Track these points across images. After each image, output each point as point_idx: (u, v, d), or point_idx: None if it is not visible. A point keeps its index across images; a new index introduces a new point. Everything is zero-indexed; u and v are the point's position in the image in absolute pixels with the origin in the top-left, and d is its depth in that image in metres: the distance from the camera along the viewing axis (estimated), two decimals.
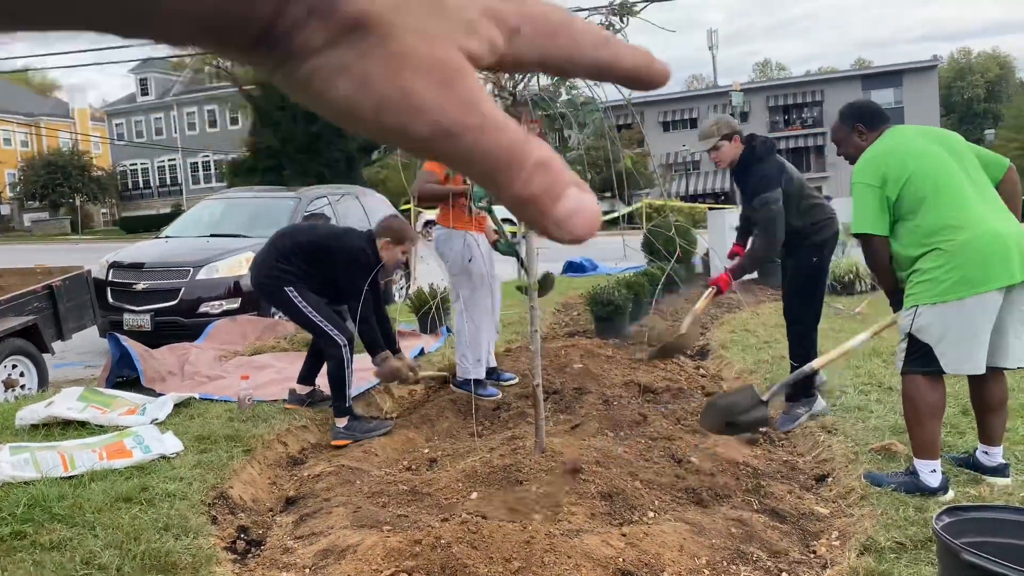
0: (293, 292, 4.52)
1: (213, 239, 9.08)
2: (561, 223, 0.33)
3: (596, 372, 5.39)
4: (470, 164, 0.33)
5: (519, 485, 3.51)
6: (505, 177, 0.33)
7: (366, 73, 0.31)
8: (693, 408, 4.88)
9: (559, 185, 0.33)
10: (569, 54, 0.37)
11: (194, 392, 5.21)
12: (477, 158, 0.33)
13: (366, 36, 0.31)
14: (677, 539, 3.10)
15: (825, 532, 3.39)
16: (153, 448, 3.95)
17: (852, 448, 4.06)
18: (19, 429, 4.42)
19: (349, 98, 0.32)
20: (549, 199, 0.33)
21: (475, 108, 0.32)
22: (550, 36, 0.36)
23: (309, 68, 0.31)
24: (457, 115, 0.32)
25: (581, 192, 0.33)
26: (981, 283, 3.31)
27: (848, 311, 8.19)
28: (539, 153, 0.33)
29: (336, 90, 0.32)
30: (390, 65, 0.31)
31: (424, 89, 0.31)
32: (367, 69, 0.31)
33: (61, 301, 6.71)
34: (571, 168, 0.35)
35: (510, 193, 0.33)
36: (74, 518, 3.16)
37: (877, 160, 3.54)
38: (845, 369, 5.57)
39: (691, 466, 3.89)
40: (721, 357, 6.41)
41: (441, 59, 0.32)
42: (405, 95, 0.31)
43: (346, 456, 4.23)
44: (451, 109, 0.32)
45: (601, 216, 0.35)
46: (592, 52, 0.37)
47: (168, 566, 2.78)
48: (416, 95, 0.31)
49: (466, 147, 0.32)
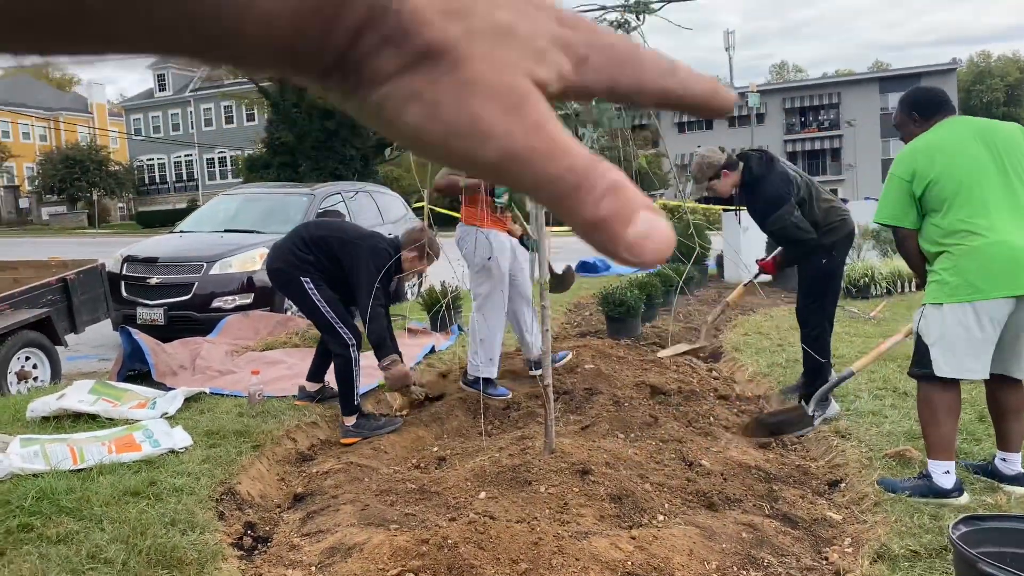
0: (309, 284, 4.50)
1: (227, 234, 9.10)
2: (632, 248, 0.33)
3: (607, 373, 5.35)
4: (539, 189, 0.33)
5: (528, 485, 3.48)
6: (574, 201, 0.33)
7: (436, 100, 0.32)
8: (705, 410, 4.84)
9: (629, 208, 0.33)
10: (637, 83, 0.37)
11: (205, 387, 5.22)
12: (545, 182, 0.33)
13: (437, 64, 0.32)
14: (687, 543, 3.06)
15: (838, 539, 3.35)
16: (162, 442, 3.94)
17: (866, 453, 4.01)
18: (30, 421, 4.43)
19: (420, 125, 0.32)
20: (620, 223, 0.33)
21: (542, 133, 0.32)
22: (618, 65, 0.37)
23: (381, 95, 0.32)
24: (524, 140, 0.32)
25: (653, 216, 0.33)
26: (983, 291, 3.33)
27: (863, 315, 8.11)
28: (609, 176, 0.33)
29: (407, 116, 0.32)
30: (460, 92, 0.32)
31: (492, 115, 0.32)
32: (437, 96, 0.32)
33: (75, 294, 6.74)
34: None
35: (580, 217, 0.33)
36: (82, 511, 3.16)
37: (912, 154, 3.57)
38: (860, 373, 5.50)
39: (702, 469, 3.85)
40: (735, 359, 6.36)
41: (509, 85, 0.32)
42: (473, 121, 0.32)
43: (355, 453, 4.21)
44: (519, 134, 0.32)
45: (674, 240, 0.34)
46: (660, 81, 0.38)
47: (174, 562, 2.77)
48: (484, 121, 0.32)
49: (534, 172, 0.32)
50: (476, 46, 0.32)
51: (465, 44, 0.32)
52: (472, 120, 0.32)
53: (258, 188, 11.55)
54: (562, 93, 0.35)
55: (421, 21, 0.31)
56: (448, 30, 0.32)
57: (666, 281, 8.17)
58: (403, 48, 0.31)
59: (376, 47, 0.31)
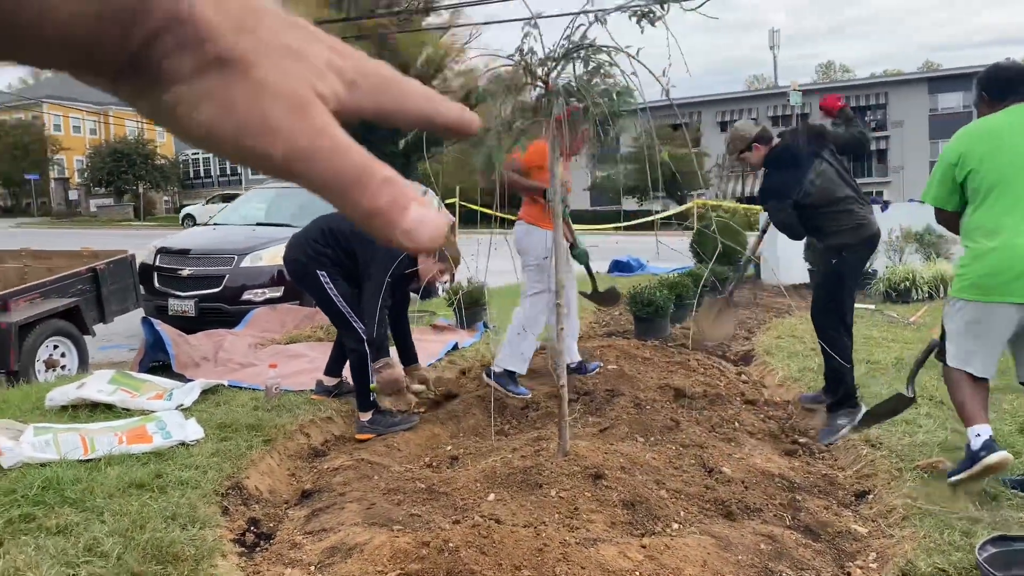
0: (325, 277, 4.44)
1: (260, 228, 9.14)
2: (409, 232, 0.37)
3: (631, 374, 5.22)
4: (324, 182, 0.36)
5: (538, 488, 3.38)
6: (356, 193, 0.36)
7: (229, 99, 0.34)
8: (730, 415, 4.68)
9: (404, 198, 0.37)
10: (399, 106, 0.41)
11: (223, 379, 5.20)
12: (329, 177, 0.36)
13: (230, 69, 0.34)
14: (701, 553, 2.93)
15: (862, 553, 3.19)
16: (174, 434, 3.91)
17: (896, 464, 3.84)
18: (48, 410, 4.44)
19: (212, 122, 0.34)
20: (396, 211, 0.37)
21: (326, 133, 0.36)
22: (383, 91, 0.40)
23: (175, 94, 0.34)
24: (310, 139, 0.35)
25: (423, 207, 0.37)
26: (988, 293, 3.37)
27: (903, 319, 7.86)
28: (384, 172, 0.37)
29: (200, 114, 0.34)
30: (251, 92, 0.34)
31: (280, 114, 0.35)
32: (229, 96, 0.34)
33: (105, 284, 6.80)
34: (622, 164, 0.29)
35: (361, 206, 0.36)
36: (85, 502, 3.12)
37: (963, 138, 3.52)
38: (894, 380, 5.30)
39: (722, 476, 3.70)
40: (765, 363, 6.18)
41: (296, 91, 0.36)
42: (263, 119, 0.34)
43: (367, 450, 4.14)
44: (304, 133, 0.35)
45: (444, 227, 0.38)
46: (420, 104, 0.42)
47: (169, 557, 2.71)
48: (273, 119, 0.35)
49: (319, 167, 0.35)
50: (265, 57, 0.35)
51: (255, 55, 0.35)
52: (262, 119, 0.34)
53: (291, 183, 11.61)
54: (337, 112, 0.37)
55: (215, 32, 0.34)
56: (239, 42, 0.35)
57: (698, 281, 7.99)
58: (197, 53, 0.34)
59: (171, 50, 0.34)
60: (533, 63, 3.33)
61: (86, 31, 0.32)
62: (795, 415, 4.91)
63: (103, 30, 0.32)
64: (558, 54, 3.39)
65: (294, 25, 0.38)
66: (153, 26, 0.33)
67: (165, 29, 0.33)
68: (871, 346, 6.40)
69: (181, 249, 8.61)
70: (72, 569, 2.62)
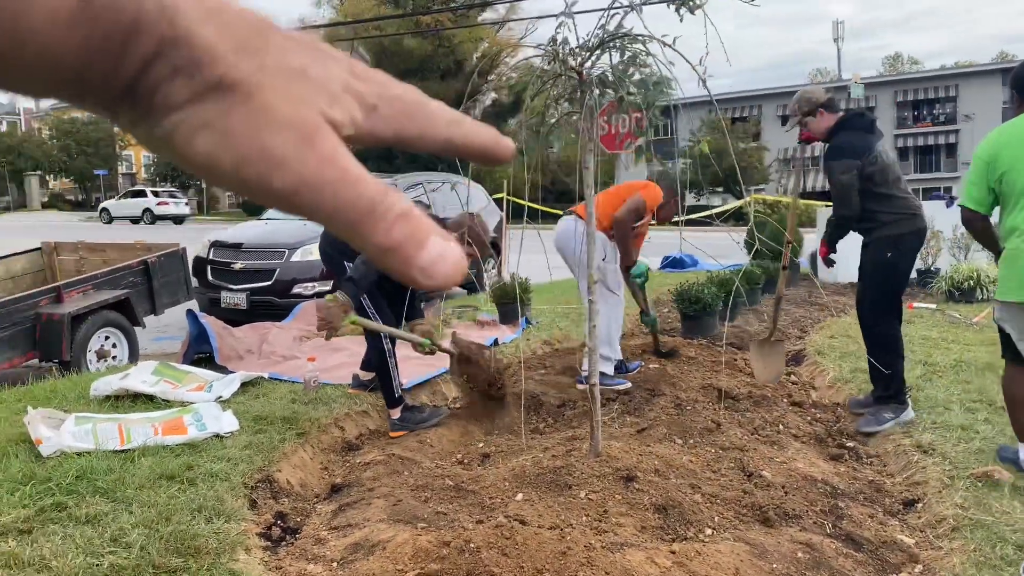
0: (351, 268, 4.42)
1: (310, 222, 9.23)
2: (425, 269, 0.34)
3: (672, 374, 5.09)
4: (333, 216, 0.33)
5: (568, 489, 3.29)
6: (368, 227, 0.33)
7: (227, 129, 0.32)
8: (774, 417, 4.53)
9: (421, 233, 0.34)
10: (422, 131, 0.38)
11: (264, 372, 5.23)
12: (339, 210, 0.33)
13: (229, 95, 0.32)
14: (733, 561, 2.82)
15: (907, 565, 3.03)
16: (209, 426, 3.94)
17: (949, 472, 3.65)
18: (92, 399, 4.52)
19: (210, 154, 0.32)
20: (412, 247, 0.34)
21: (335, 162, 0.33)
22: (405, 116, 0.38)
23: (171, 123, 0.32)
24: (317, 169, 0.32)
25: (443, 241, 0.34)
26: (1016, 292, 3.43)
27: (965, 320, 7.53)
28: (400, 205, 0.34)
29: (197, 145, 0.32)
30: (251, 122, 0.32)
31: (284, 144, 0.32)
32: (229, 125, 0.32)
33: (156, 277, 6.93)
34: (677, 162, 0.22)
35: (373, 242, 0.34)
36: (115, 492, 3.15)
37: (997, 138, 3.47)
38: (952, 383, 5.07)
39: (761, 480, 3.57)
40: (816, 364, 5.98)
41: (302, 117, 0.33)
42: (265, 151, 0.32)
43: (400, 445, 4.11)
44: (311, 163, 0.32)
45: (465, 264, 0.35)
46: (445, 130, 0.39)
47: (191, 550, 2.71)
48: (276, 149, 0.32)
49: (326, 200, 0.33)
50: (269, 81, 0.32)
51: (258, 79, 0.32)
52: (263, 150, 0.32)
53: None
54: (353, 138, 0.35)
55: (213, 55, 0.32)
56: (240, 65, 0.32)
57: (750, 278, 7.79)
58: (195, 79, 0.31)
59: (167, 76, 0.31)
60: (566, 53, 3.25)
61: (75, 59, 0.30)
62: (843, 418, 4.73)
63: (92, 59, 0.30)
64: (593, 44, 3.30)
65: (308, 47, 0.35)
66: (146, 51, 0.31)
67: (159, 54, 0.31)
68: (929, 347, 6.15)
69: (234, 243, 8.74)
70: (96, 559, 2.64)
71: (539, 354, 6.18)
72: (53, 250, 7.58)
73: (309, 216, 0.34)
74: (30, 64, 0.30)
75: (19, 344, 5.71)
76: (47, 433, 3.66)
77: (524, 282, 6.62)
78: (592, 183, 3.45)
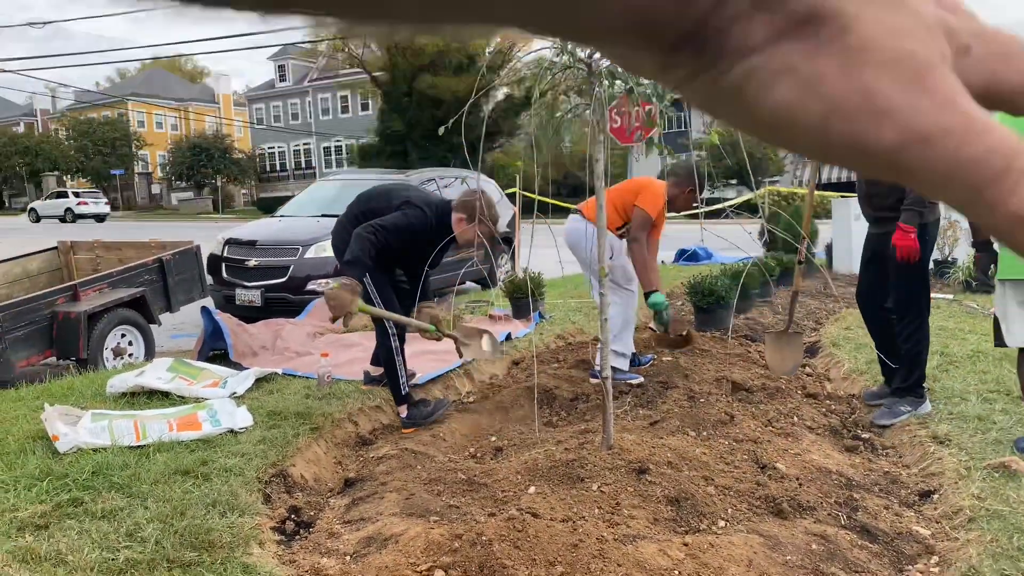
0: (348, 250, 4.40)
1: (324, 219, 9.25)
2: None
3: (685, 366, 5.07)
4: (949, 177, 0.27)
5: (580, 482, 3.29)
6: (997, 191, 0.27)
7: (816, 73, 0.27)
8: (789, 409, 4.50)
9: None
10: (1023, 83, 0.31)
11: (278, 368, 5.26)
12: (960, 168, 0.27)
13: (819, 30, 0.27)
14: (746, 553, 2.80)
15: (923, 556, 3.01)
16: (223, 422, 3.96)
17: (965, 463, 3.62)
18: (108, 396, 4.56)
19: (792, 104, 0.27)
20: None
21: (955, 107, 0.27)
22: (1003, 59, 0.31)
23: (745, 69, 0.27)
24: (934, 117, 0.27)
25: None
26: (1009, 271, 3.62)
27: (983, 310, 7.46)
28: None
29: (776, 94, 0.27)
30: (848, 61, 0.27)
31: (890, 87, 0.27)
32: (818, 68, 0.27)
33: (170, 274, 6.97)
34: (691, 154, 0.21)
35: (1004, 210, 0.27)
36: (131, 488, 3.18)
37: None
38: (969, 373, 5.03)
39: (775, 472, 3.55)
40: (831, 355, 5.94)
41: (911, 51, 0.27)
42: (867, 96, 0.27)
43: (413, 440, 4.12)
44: (926, 109, 0.27)
45: None
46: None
47: (205, 544, 2.73)
48: (880, 94, 0.27)
49: (946, 155, 0.27)
50: (867, 9, 0.27)
51: (854, 7, 0.27)
52: (864, 95, 0.27)
53: (355, 174, 11.78)
54: None
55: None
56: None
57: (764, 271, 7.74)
58: (779, 12, 0.27)
59: (744, 11, 0.27)
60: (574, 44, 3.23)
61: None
62: (858, 410, 4.70)
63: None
64: None
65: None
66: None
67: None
68: (946, 337, 6.10)
69: (248, 240, 8.78)
70: (112, 554, 2.66)
71: (552, 348, 6.18)
72: (69, 249, 7.64)
73: (909, 180, 0.28)
74: (608, 5, 0.27)
75: (37, 342, 5.76)
76: (64, 430, 3.69)
77: (537, 276, 6.61)
78: (603, 174, 3.44)
